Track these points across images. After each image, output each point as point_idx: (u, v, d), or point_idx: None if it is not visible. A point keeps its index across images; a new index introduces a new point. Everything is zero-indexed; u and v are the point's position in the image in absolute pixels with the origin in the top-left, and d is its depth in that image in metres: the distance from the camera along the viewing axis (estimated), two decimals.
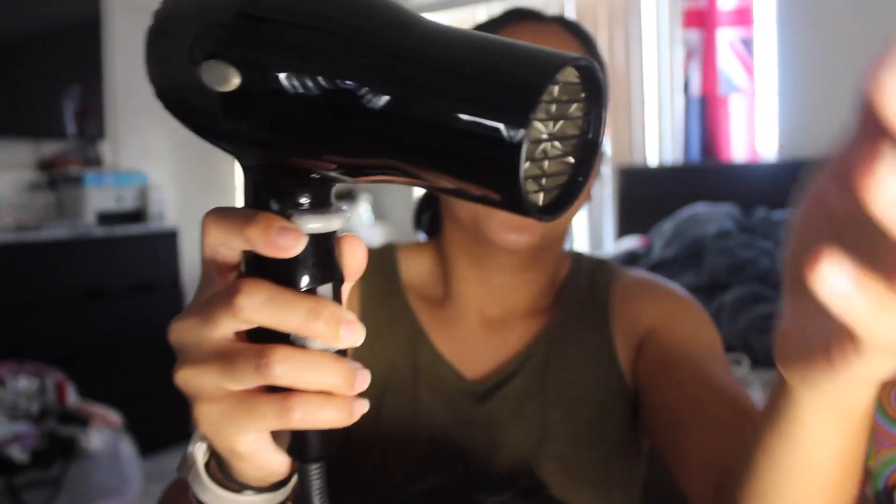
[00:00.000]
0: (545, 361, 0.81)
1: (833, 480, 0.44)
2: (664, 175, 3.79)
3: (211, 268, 0.38)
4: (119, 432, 2.49)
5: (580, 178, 0.35)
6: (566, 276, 0.86)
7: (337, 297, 0.37)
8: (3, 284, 3.05)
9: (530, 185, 0.32)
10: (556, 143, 0.33)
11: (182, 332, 0.37)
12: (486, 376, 0.81)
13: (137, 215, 3.61)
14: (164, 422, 3.60)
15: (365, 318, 0.82)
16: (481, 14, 4.24)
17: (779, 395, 0.42)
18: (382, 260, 0.86)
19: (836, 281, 0.26)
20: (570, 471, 0.77)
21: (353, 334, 0.35)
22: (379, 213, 4.55)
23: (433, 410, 0.79)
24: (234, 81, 0.32)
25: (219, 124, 0.35)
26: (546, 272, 0.83)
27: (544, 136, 0.32)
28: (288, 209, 0.36)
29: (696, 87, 3.72)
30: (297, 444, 0.38)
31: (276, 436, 0.39)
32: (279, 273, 0.35)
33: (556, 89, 0.32)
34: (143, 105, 4.05)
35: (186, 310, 0.37)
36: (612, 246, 3.64)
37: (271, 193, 0.36)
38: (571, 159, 0.35)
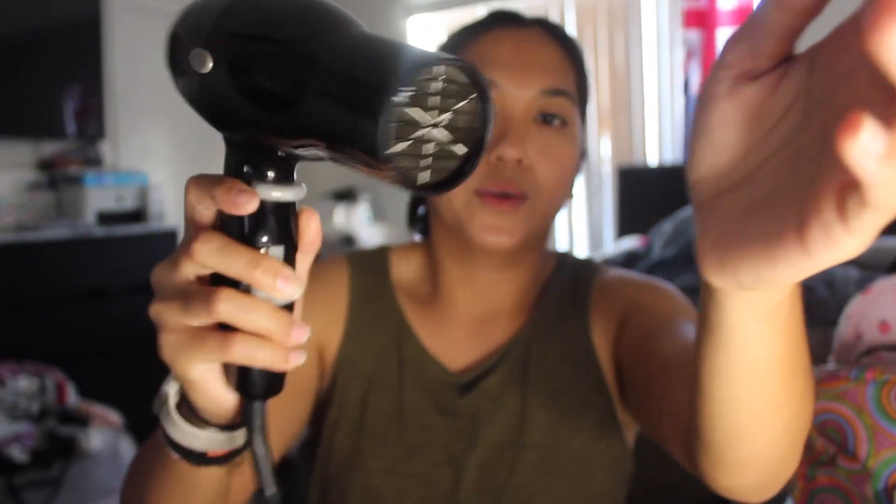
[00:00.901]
0: (526, 355, 0.83)
1: (778, 381, 0.44)
2: (664, 175, 3.79)
3: (189, 225, 0.45)
4: (119, 432, 2.49)
5: (467, 168, 0.41)
6: (549, 274, 0.89)
7: (288, 260, 0.44)
8: (3, 284, 3.05)
9: (407, 162, 0.39)
10: (444, 132, 0.40)
11: (157, 273, 0.46)
12: (469, 368, 0.84)
13: (137, 215, 3.61)
14: None
15: (354, 315, 0.86)
16: (480, 14, 4.24)
17: (707, 308, 0.41)
18: (375, 261, 0.90)
19: (874, 146, 0.24)
20: (549, 460, 0.80)
21: (289, 286, 0.42)
22: (378, 213, 4.56)
23: (417, 401, 0.82)
24: (209, 65, 0.41)
25: (202, 102, 0.44)
26: (529, 270, 0.86)
27: (423, 123, 0.38)
28: (253, 178, 0.43)
29: (696, 87, 3.72)
30: (241, 380, 0.46)
31: (227, 374, 0.46)
32: (238, 230, 0.43)
33: (436, 85, 0.38)
34: (143, 105, 4.05)
35: (167, 258, 0.45)
36: (612, 246, 3.64)
37: (242, 164, 0.44)
38: (464, 148, 0.41)
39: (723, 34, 3.63)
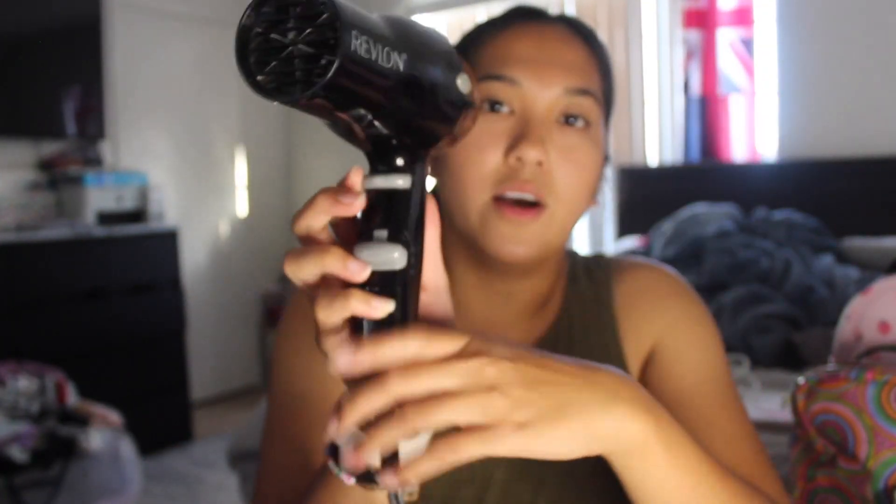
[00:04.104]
0: None
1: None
2: (664, 175, 3.79)
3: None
4: (119, 432, 2.49)
5: (316, 79, 0.41)
6: (567, 275, 0.85)
7: (392, 239, 0.47)
8: (3, 284, 3.05)
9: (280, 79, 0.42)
10: (301, 45, 0.42)
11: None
12: None
13: (137, 215, 3.61)
14: (164, 422, 3.61)
15: None
16: (481, 14, 4.24)
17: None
18: None
19: None
20: (576, 474, 0.76)
21: (354, 265, 0.46)
22: None
23: None
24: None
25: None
26: (549, 275, 0.82)
27: (277, 37, 0.42)
28: (370, 172, 0.48)
29: (696, 87, 3.71)
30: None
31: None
32: (350, 220, 0.49)
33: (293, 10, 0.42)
34: (143, 105, 4.05)
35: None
36: (613, 246, 3.64)
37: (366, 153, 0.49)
38: (325, 61, 0.41)
39: (723, 34, 3.63)
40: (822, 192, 3.22)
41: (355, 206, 0.46)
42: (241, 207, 4.64)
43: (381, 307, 0.46)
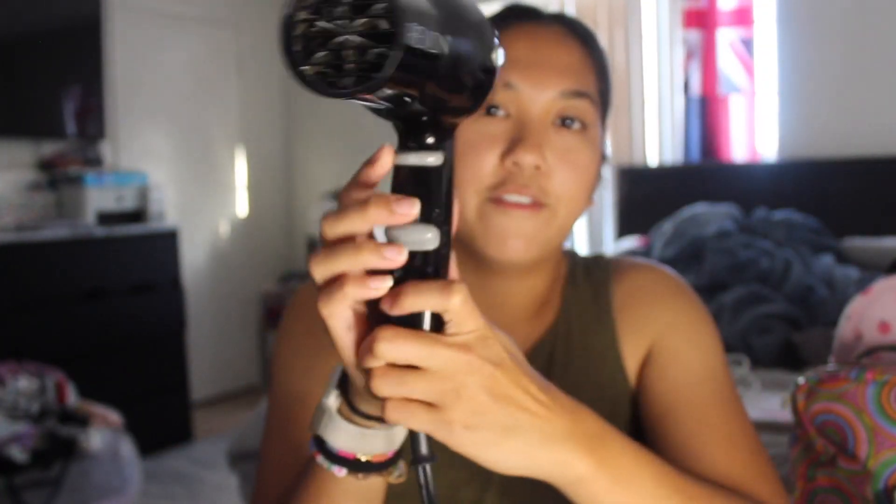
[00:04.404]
0: (549, 365, 0.80)
1: None
2: (664, 175, 3.79)
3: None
4: (119, 432, 2.49)
5: (375, 72, 0.40)
6: (566, 276, 0.85)
7: (424, 218, 0.46)
8: (3, 284, 3.05)
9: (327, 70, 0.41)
10: (359, 38, 0.40)
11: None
12: None
13: (137, 215, 3.61)
14: (164, 422, 3.61)
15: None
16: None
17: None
18: None
19: None
20: None
21: (401, 207, 0.44)
22: None
23: None
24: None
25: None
26: (547, 276, 0.82)
27: (325, 24, 0.40)
28: (399, 149, 0.47)
29: (696, 87, 3.72)
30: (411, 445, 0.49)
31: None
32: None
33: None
34: (143, 105, 4.05)
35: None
36: (612, 246, 3.64)
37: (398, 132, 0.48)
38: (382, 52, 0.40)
39: (723, 34, 3.63)
40: (822, 192, 3.22)
41: (411, 216, 0.44)
42: (241, 207, 4.64)
43: (397, 258, 0.45)
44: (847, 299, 1.70)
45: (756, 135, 3.66)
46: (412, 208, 0.44)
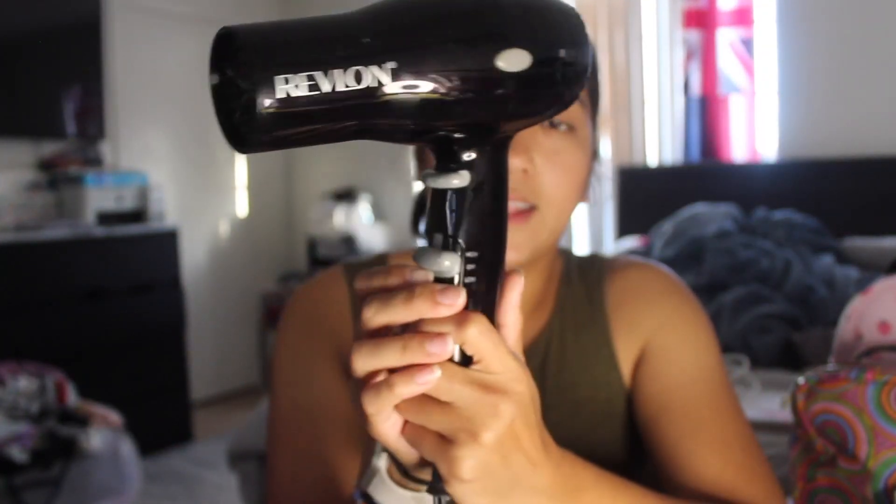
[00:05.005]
0: (543, 364, 0.80)
1: None
2: (664, 175, 3.79)
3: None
4: (119, 432, 2.49)
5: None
6: (560, 276, 0.85)
7: (446, 247, 0.45)
8: (3, 284, 3.05)
9: None
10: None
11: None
12: None
13: (137, 215, 3.61)
14: (164, 422, 3.61)
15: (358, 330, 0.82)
16: None
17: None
18: None
19: None
20: None
21: (447, 298, 0.44)
22: (379, 214, 4.56)
23: None
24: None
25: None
26: (541, 276, 0.82)
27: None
28: (426, 174, 0.46)
29: (696, 87, 3.72)
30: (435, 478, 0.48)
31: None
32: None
33: None
34: (143, 105, 4.05)
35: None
36: (612, 246, 3.64)
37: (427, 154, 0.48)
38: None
39: (723, 34, 3.63)
40: (822, 192, 3.22)
41: (455, 307, 0.44)
42: (241, 207, 4.64)
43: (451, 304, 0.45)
44: (847, 299, 1.70)
45: (756, 135, 3.66)
46: (457, 299, 0.44)
